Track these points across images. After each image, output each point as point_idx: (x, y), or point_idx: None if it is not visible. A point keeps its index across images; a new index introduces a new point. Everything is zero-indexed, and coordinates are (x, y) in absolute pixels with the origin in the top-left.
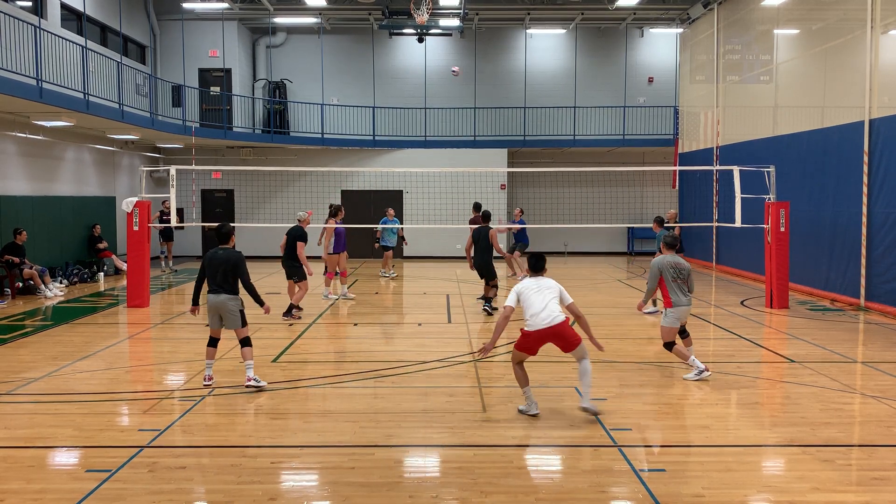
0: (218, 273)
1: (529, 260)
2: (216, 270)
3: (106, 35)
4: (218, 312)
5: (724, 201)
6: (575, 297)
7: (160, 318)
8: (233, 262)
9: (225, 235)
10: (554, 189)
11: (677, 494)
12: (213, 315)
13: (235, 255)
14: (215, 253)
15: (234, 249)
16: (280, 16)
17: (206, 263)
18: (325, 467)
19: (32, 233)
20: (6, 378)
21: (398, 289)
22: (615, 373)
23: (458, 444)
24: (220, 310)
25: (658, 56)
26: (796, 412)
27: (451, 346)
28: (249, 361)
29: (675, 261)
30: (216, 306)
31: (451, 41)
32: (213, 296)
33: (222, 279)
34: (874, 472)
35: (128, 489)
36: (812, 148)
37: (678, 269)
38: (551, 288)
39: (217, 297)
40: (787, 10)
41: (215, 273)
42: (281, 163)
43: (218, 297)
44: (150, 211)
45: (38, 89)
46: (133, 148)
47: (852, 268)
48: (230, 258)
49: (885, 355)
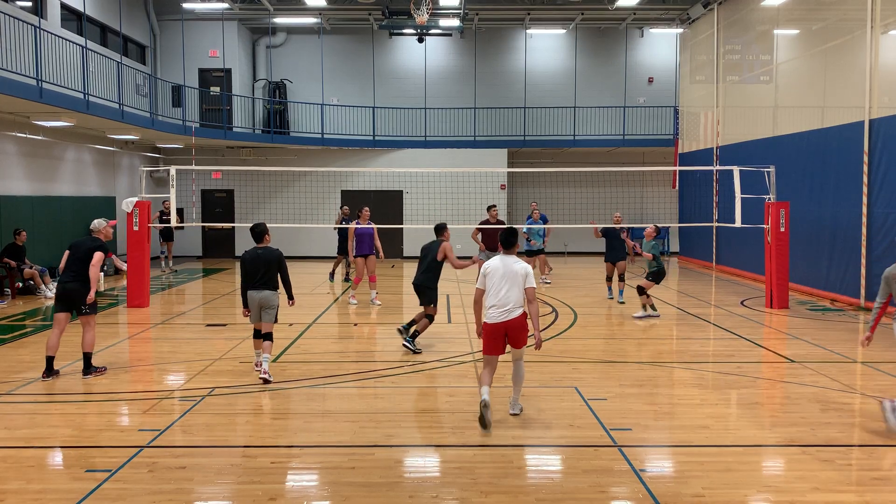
0: (260, 270)
1: (500, 235)
2: (258, 268)
3: (106, 35)
4: (260, 307)
5: (724, 201)
6: (575, 296)
7: (160, 318)
8: (275, 259)
9: (259, 234)
10: (554, 189)
11: (677, 494)
12: (256, 310)
13: (277, 253)
14: (255, 252)
15: (272, 247)
16: (280, 16)
17: (248, 263)
18: (325, 467)
19: (32, 233)
20: (6, 378)
21: (398, 289)
22: (615, 373)
23: (458, 444)
24: (263, 304)
25: (658, 56)
26: (796, 412)
27: (451, 346)
28: (267, 355)
29: None
30: (259, 301)
31: (451, 41)
32: (256, 292)
33: (265, 276)
34: (874, 472)
35: (128, 489)
36: (812, 148)
37: None
38: (516, 274)
39: (260, 293)
40: (787, 10)
41: (257, 271)
42: (281, 163)
43: (261, 292)
44: (150, 211)
45: (38, 89)
46: (133, 148)
47: (852, 268)
48: (272, 256)
49: (885, 355)
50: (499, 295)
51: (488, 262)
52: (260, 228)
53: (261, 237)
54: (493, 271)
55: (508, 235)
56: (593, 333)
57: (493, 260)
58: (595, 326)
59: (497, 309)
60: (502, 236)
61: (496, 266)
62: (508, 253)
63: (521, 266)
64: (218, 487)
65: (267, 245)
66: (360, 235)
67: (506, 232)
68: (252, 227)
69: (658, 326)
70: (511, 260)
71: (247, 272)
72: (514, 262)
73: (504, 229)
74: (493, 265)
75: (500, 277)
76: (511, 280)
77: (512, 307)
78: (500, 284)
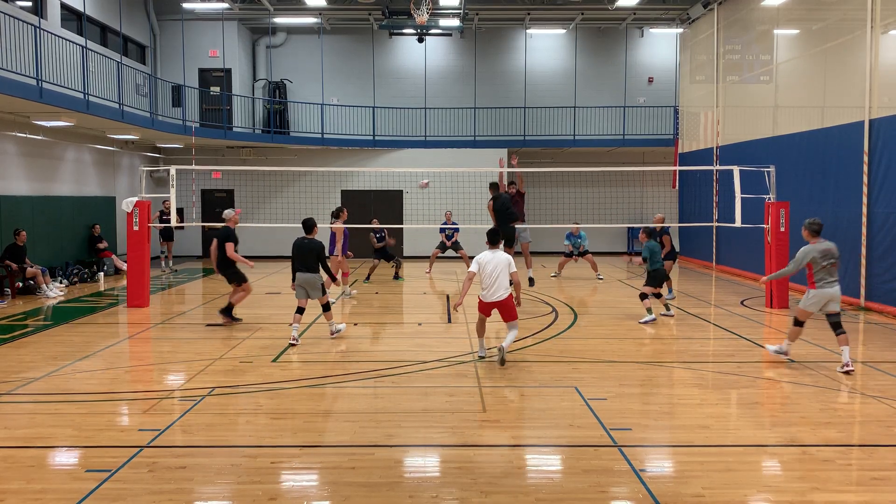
0: (305, 257)
1: (488, 233)
2: (304, 255)
3: (106, 35)
4: (305, 287)
5: (724, 201)
6: (575, 296)
7: (160, 318)
8: (317, 249)
9: (309, 227)
10: (554, 189)
11: (677, 494)
12: (301, 289)
13: (319, 244)
14: (302, 241)
15: (316, 239)
16: (280, 16)
17: (296, 249)
18: (325, 467)
19: (32, 233)
20: (6, 378)
21: (398, 289)
22: (615, 373)
23: (458, 444)
24: (308, 285)
25: (658, 56)
26: (796, 412)
27: (451, 346)
28: (331, 321)
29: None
30: (304, 282)
31: (451, 41)
32: (302, 274)
33: (309, 261)
34: (874, 472)
35: (128, 489)
36: (812, 148)
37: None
38: (502, 262)
39: (305, 276)
40: (787, 10)
41: (304, 257)
42: (281, 163)
43: (305, 275)
44: (150, 211)
45: (38, 89)
46: (133, 148)
47: (852, 268)
48: (315, 246)
49: (885, 355)
50: (492, 280)
51: (481, 254)
52: (310, 223)
53: (310, 230)
54: (485, 262)
55: (493, 234)
56: (593, 333)
57: (484, 253)
58: (595, 326)
59: (490, 292)
60: (489, 235)
61: (488, 258)
62: (494, 248)
63: (504, 256)
64: (218, 487)
65: (312, 237)
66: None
67: (491, 231)
68: (303, 220)
69: (658, 326)
70: (498, 252)
71: (294, 257)
72: (500, 254)
73: (489, 230)
74: (485, 257)
75: (493, 267)
76: (501, 266)
77: (501, 290)
78: (493, 273)
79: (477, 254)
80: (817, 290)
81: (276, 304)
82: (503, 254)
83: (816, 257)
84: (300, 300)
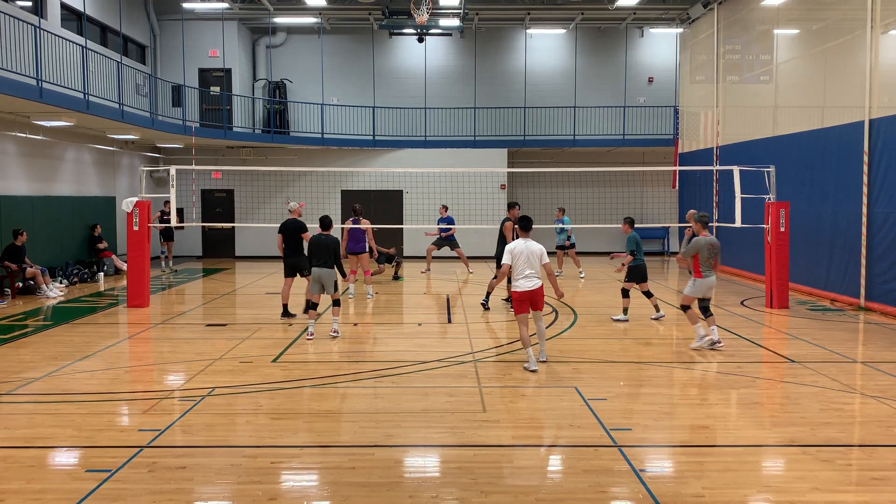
0: (322, 252)
1: (518, 221)
2: (321, 251)
3: (106, 35)
4: (321, 281)
5: (724, 201)
6: (575, 296)
7: (160, 318)
8: (333, 245)
9: (326, 225)
10: (554, 189)
11: (677, 494)
12: (316, 283)
13: (335, 240)
14: (320, 237)
15: (332, 236)
16: (280, 16)
17: (313, 245)
18: (325, 467)
19: (32, 233)
20: (6, 378)
21: (398, 289)
22: (615, 373)
23: (458, 444)
24: (323, 279)
25: (658, 56)
26: (796, 412)
27: (451, 346)
28: (336, 318)
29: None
30: (320, 276)
31: (451, 41)
32: (318, 269)
33: (325, 257)
34: (874, 472)
35: (128, 489)
36: (812, 148)
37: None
38: (534, 252)
39: (321, 270)
40: (787, 10)
41: (321, 252)
42: (281, 163)
43: (322, 269)
44: (150, 211)
45: (38, 89)
46: (133, 148)
47: (852, 268)
48: (331, 242)
49: (885, 355)
50: (524, 270)
51: (513, 243)
52: (327, 220)
53: (327, 227)
54: (518, 252)
55: (525, 221)
56: (593, 333)
57: (517, 242)
58: (595, 326)
59: (525, 280)
60: (521, 223)
61: (521, 248)
62: (526, 236)
63: (537, 246)
64: (218, 487)
65: (329, 234)
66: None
67: (522, 218)
68: (321, 217)
69: (658, 326)
70: (530, 241)
71: (312, 252)
72: (532, 243)
73: (520, 217)
74: (518, 247)
75: (526, 257)
76: (534, 257)
77: (535, 282)
78: (526, 262)
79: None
80: (703, 280)
81: (276, 304)
82: (535, 243)
83: (704, 249)
84: (313, 294)
